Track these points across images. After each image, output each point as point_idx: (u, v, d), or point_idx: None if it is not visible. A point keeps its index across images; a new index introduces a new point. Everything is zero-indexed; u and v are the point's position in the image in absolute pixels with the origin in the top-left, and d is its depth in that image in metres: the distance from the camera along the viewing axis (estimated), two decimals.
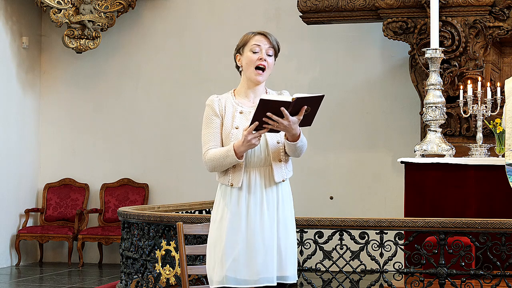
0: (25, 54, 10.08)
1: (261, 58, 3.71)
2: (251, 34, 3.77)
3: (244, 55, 3.75)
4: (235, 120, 3.72)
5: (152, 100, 10.04)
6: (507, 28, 7.77)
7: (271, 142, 3.70)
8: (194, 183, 9.68)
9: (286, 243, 3.69)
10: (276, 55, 3.79)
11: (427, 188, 6.61)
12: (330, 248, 5.43)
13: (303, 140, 3.70)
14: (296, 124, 3.57)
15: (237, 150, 3.60)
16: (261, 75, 3.73)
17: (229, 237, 3.64)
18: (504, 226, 5.11)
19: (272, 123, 3.52)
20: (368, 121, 9.33)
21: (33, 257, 10.16)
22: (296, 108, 3.52)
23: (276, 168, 3.69)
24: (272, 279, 3.63)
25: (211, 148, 3.71)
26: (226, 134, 3.72)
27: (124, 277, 6.35)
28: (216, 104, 3.75)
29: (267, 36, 3.75)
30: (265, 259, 3.62)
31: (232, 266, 3.63)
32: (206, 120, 3.76)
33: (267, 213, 3.66)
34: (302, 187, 9.23)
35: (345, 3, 8.24)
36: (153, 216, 5.98)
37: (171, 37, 10.01)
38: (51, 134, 10.33)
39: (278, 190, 3.70)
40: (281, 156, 3.72)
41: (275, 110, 3.49)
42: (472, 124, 7.62)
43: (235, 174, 3.68)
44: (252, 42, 3.73)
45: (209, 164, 3.71)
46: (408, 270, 5.36)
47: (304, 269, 5.45)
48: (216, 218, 3.73)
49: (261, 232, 3.64)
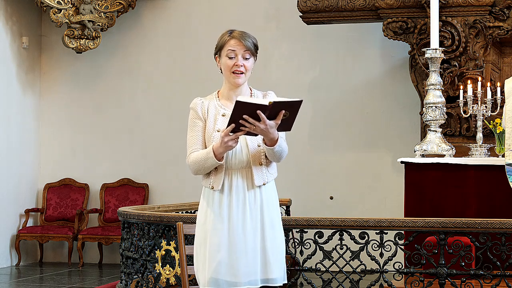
0: (25, 54, 10.08)
1: (236, 64, 3.69)
2: (227, 36, 3.72)
3: (221, 59, 3.74)
4: (217, 123, 3.71)
5: (152, 100, 10.04)
6: (507, 28, 7.77)
7: (252, 145, 3.68)
8: (194, 183, 9.66)
9: (273, 245, 3.66)
10: (255, 55, 3.75)
11: (427, 188, 6.61)
12: (330, 248, 5.43)
13: (282, 145, 3.63)
14: (273, 128, 3.52)
15: (216, 152, 3.59)
16: (239, 77, 3.71)
17: (213, 239, 3.63)
18: (504, 226, 5.11)
19: (249, 126, 3.49)
20: (368, 121, 9.33)
21: (33, 257, 10.16)
22: (274, 112, 3.48)
23: (256, 171, 3.66)
24: (255, 282, 3.61)
25: (194, 151, 3.72)
26: (208, 137, 3.71)
27: (124, 277, 6.35)
28: (199, 107, 3.75)
29: (241, 40, 3.70)
30: (247, 261, 3.60)
31: (216, 269, 3.61)
32: (190, 123, 3.77)
33: (249, 215, 3.64)
34: (302, 187, 9.24)
35: (345, 3, 8.24)
36: (153, 216, 5.98)
37: (171, 37, 10.02)
38: (51, 134, 10.34)
39: (261, 192, 3.68)
40: (262, 160, 3.69)
41: (252, 113, 3.45)
42: (472, 124, 7.62)
43: (216, 177, 3.67)
44: (227, 47, 3.70)
45: (192, 167, 3.71)
46: (408, 270, 5.36)
47: (304, 269, 5.45)
48: (200, 221, 3.73)
49: (243, 234, 3.62)
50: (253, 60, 3.75)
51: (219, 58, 3.76)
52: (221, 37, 3.75)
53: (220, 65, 3.76)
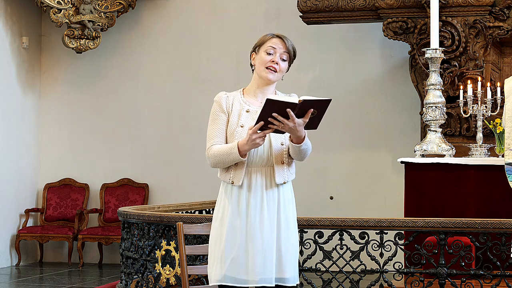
0: (25, 54, 10.08)
1: (273, 60, 3.72)
2: (269, 35, 3.77)
3: (258, 55, 3.76)
4: (241, 118, 3.72)
5: (152, 100, 10.04)
6: (507, 28, 7.77)
7: (275, 144, 3.70)
8: (194, 183, 9.68)
9: (287, 245, 3.68)
10: (291, 61, 3.79)
11: (427, 188, 6.61)
12: (330, 248, 5.43)
13: (308, 144, 3.68)
14: (301, 127, 3.56)
15: (241, 148, 3.60)
16: (271, 73, 3.74)
17: (229, 236, 3.65)
18: (504, 226, 5.11)
19: (277, 124, 3.52)
20: (368, 121, 9.33)
21: (33, 257, 10.16)
22: (302, 111, 3.52)
23: (278, 169, 3.69)
24: (270, 280, 3.63)
25: (215, 144, 3.72)
26: (231, 131, 3.72)
27: (124, 277, 6.35)
28: (223, 101, 3.76)
29: (284, 40, 3.75)
30: (264, 259, 3.62)
31: (231, 266, 3.63)
32: (212, 116, 3.77)
33: (267, 214, 3.66)
34: (302, 187, 9.22)
35: (345, 3, 8.24)
36: (153, 216, 5.98)
37: (171, 37, 10.01)
38: (51, 134, 10.33)
39: (279, 191, 3.70)
40: (284, 158, 3.71)
41: (281, 111, 3.49)
42: (472, 124, 7.62)
43: (237, 172, 3.68)
44: (268, 44, 3.74)
45: (211, 160, 3.72)
46: (408, 270, 5.36)
47: (304, 269, 5.45)
48: (217, 216, 3.74)
49: (260, 232, 3.64)
50: (288, 65, 3.79)
51: (256, 55, 3.78)
52: (262, 37, 3.79)
53: (254, 61, 3.78)
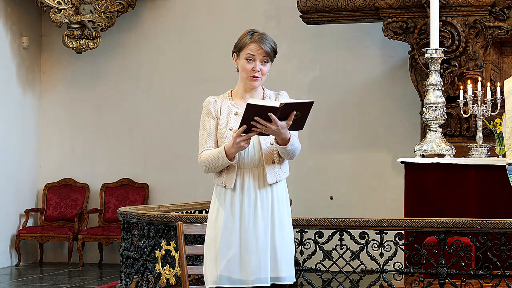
0: (25, 54, 10.08)
1: (254, 69, 3.71)
2: (248, 39, 3.72)
3: (239, 60, 3.76)
4: (230, 122, 3.74)
5: (152, 100, 10.04)
6: (507, 28, 7.77)
7: (265, 144, 3.71)
8: (194, 183, 9.68)
9: (282, 244, 3.69)
10: (273, 58, 3.77)
11: (427, 188, 6.61)
12: (330, 248, 5.43)
13: (294, 144, 3.68)
14: (285, 129, 3.56)
15: (228, 152, 3.63)
16: (255, 81, 3.74)
17: (224, 237, 3.67)
18: (504, 226, 5.11)
19: (260, 127, 3.53)
20: (368, 121, 9.33)
21: (33, 257, 10.16)
22: (285, 113, 3.52)
23: (269, 169, 3.70)
24: (265, 280, 3.64)
25: (206, 149, 3.75)
26: (220, 135, 3.74)
27: (124, 277, 6.35)
28: (212, 106, 3.78)
29: (262, 45, 3.70)
30: (258, 259, 3.64)
31: (226, 266, 3.66)
32: (202, 122, 3.80)
33: (260, 214, 3.67)
34: (302, 187, 9.23)
35: (345, 3, 8.24)
36: (153, 216, 5.98)
37: (171, 37, 10.01)
38: (51, 134, 10.33)
39: (272, 191, 3.71)
40: (275, 158, 3.72)
41: (263, 115, 3.50)
42: (472, 124, 7.62)
43: (229, 175, 3.70)
44: (247, 51, 3.71)
45: (203, 166, 3.75)
46: (408, 270, 5.36)
47: (304, 269, 5.45)
48: (211, 218, 3.76)
49: (254, 233, 3.65)
50: (270, 64, 3.78)
51: (237, 58, 3.77)
52: (241, 38, 3.75)
53: (237, 64, 3.78)
